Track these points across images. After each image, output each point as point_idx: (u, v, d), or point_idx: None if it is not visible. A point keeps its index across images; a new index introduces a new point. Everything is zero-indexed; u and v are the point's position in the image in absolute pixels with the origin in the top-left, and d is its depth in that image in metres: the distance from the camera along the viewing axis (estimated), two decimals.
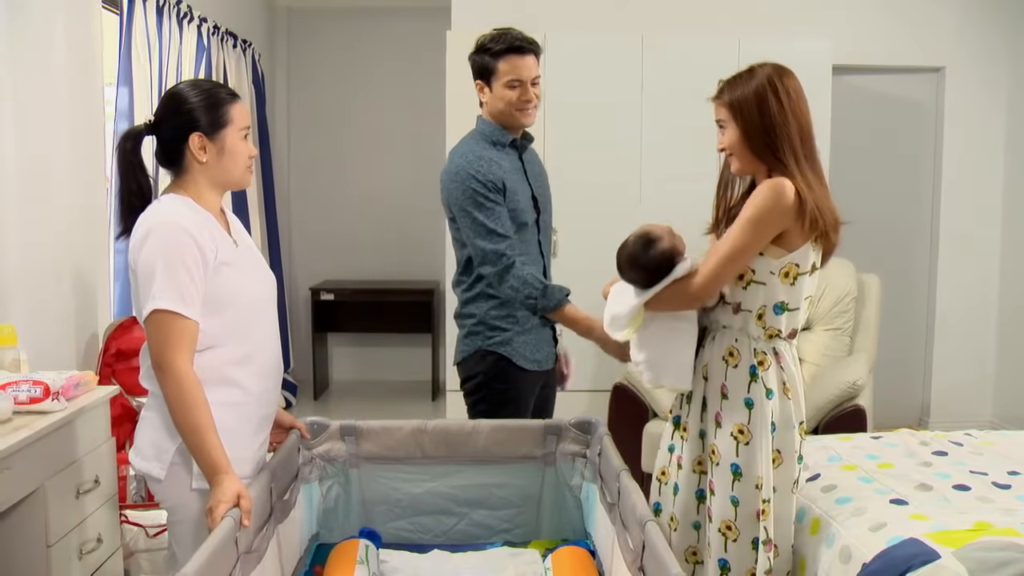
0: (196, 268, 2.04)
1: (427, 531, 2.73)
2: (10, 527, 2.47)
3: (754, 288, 2.26)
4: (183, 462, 2.10)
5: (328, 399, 6.58)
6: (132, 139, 2.15)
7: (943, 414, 5.58)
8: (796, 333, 2.35)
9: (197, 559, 1.73)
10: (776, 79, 2.27)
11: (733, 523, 2.29)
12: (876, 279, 4.58)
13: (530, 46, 2.80)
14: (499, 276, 2.69)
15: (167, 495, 2.15)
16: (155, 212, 2.08)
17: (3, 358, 2.78)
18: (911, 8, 5.42)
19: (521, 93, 2.78)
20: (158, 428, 2.12)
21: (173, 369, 1.99)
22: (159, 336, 2.01)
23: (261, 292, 2.25)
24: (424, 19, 6.42)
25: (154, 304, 1.99)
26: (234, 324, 2.13)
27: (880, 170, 5.63)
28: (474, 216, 2.71)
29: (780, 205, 2.18)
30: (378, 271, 6.89)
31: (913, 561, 2.14)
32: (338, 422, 2.71)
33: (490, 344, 2.80)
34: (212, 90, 2.16)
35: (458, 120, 4.77)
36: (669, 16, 5.31)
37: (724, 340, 2.33)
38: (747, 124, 2.26)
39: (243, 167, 2.20)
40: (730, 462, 2.28)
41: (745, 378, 2.29)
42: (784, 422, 2.30)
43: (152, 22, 4.17)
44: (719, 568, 2.34)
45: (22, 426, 2.44)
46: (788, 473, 2.33)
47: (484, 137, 2.85)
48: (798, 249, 2.23)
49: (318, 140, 6.90)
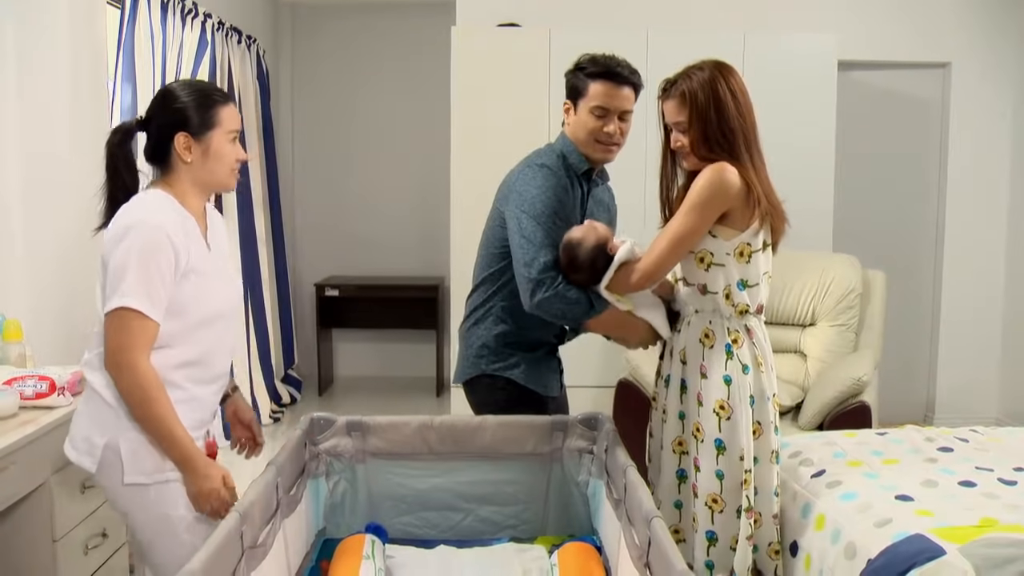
0: (168, 271, 2.04)
1: (433, 527, 2.73)
2: (16, 522, 2.48)
3: (715, 270, 2.43)
4: (113, 457, 2.08)
5: (333, 394, 6.59)
6: (122, 134, 2.14)
7: (948, 410, 5.59)
8: (763, 308, 2.50)
9: (202, 554, 1.73)
10: (725, 78, 2.40)
11: (719, 496, 2.45)
12: (882, 275, 4.58)
13: (629, 77, 2.58)
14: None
15: (105, 490, 2.15)
16: (137, 208, 2.07)
17: (9, 353, 2.79)
18: (917, 3, 5.42)
19: (605, 124, 2.57)
20: (90, 422, 2.11)
21: (133, 367, 2.00)
22: (121, 333, 2.00)
23: (223, 302, 2.23)
24: (429, 14, 6.43)
25: (122, 301, 1.98)
26: (187, 329, 2.11)
27: (885, 166, 5.63)
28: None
29: (722, 187, 2.34)
30: (383, 267, 6.90)
31: (918, 557, 2.14)
32: (344, 418, 2.70)
33: (494, 369, 2.71)
34: (203, 91, 2.16)
35: (463, 115, 4.79)
36: (674, 12, 5.32)
37: (699, 323, 2.49)
38: (706, 124, 2.38)
39: (228, 170, 2.19)
40: (714, 438, 2.44)
41: (722, 356, 2.44)
42: (760, 394, 2.45)
43: (156, 18, 4.18)
44: (706, 540, 2.48)
45: (28, 421, 2.45)
46: (767, 444, 2.48)
47: (562, 158, 2.65)
48: (748, 229, 2.39)
49: (322, 136, 6.90)
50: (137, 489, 2.08)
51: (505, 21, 5.13)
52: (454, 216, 4.76)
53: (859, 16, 5.37)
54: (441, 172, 5.33)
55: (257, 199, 5.72)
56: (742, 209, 2.37)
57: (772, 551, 2.57)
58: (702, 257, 2.43)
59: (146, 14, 4.05)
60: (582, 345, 2.92)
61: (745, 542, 2.44)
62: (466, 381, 2.78)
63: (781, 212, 2.46)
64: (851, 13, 5.37)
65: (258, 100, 5.84)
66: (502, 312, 2.69)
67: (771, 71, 4.80)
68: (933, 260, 5.68)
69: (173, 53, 4.42)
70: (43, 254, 3.27)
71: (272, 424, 5.73)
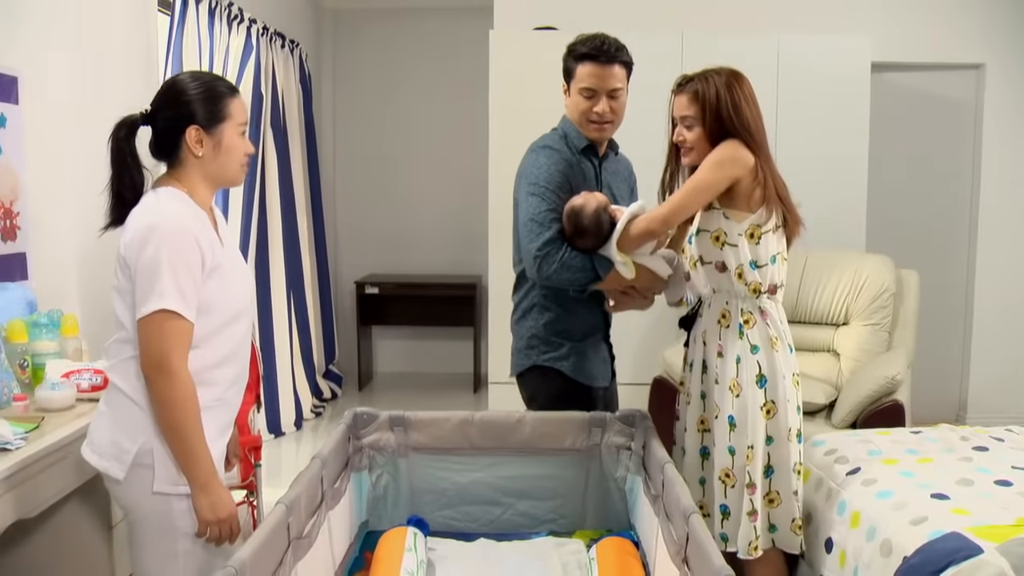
0: (197, 271, 1.98)
1: (474, 520, 2.77)
2: (75, 509, 2.56)
3: (729, 249, 2.55)
4: (145, 464, 2.00)
5: (372, 390, 6.67)
6: (126, 128, 2.05)
7: (980, 410, 5.55)
8: (776, 289, 2.60)
9: (251, 545, 1.78)
10: (739, 83, 2.54)
11: (731, 471, 2.57)
12: (915, 275, 4.57)
13: (615, 55, 2.60)
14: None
15: (126, 496, 2.05)
16: (155, 209, 2.00)
17: (67, 347, 2.87)
18: (951, 4, 5.38)
19: (593, 104, 2.62)
20: (119, 427, 2.03)
21: (173, 370, 1.94)
22: (160, 336, 1.93)
23: (244, 299, 2.19)
24: (467, 18, 6.49)
25: (160, 303, 1.92)
26: (215, 329, 2.05)
27: (919, 167, 5.60)
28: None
29: (737, 153, 2.48)
30: (422, 265, 6.99)
31: (955, 555, 2.14)
32: (387, 413, 2.75)
33: (545, 360, 2.74)
34: (212, 83, 2.08)
35: (502, 117, 4.83)
36: (709, 15, 5.33)
37: (717, 304, 2.62)
38: (716, 123, 2.51)
39: (238, 164, 2.12)
40: (727, 415, 2.57)
41: (735, 336, 2.58)
42: (772, 374, 2.55)
43: (204, 24, 4.26)
44: (720, 513, 2.59)
45: (84, 413, 2.53)
46: (783, 422, 2.56)
47: (564, 137, 2.71)
48: (757, 211, 2.51)
49: (363, 137, 7.00)
50: (162, 499, 2.01)
51: (542, 25, 5.17)
52: (492, 215, 4.82)
53: (893, 18, 5.35)
54: (479, 172, 5.39)
55: (299, 200, 5.80)
56: (751, 186, 2.50)
57: (796, 527, 2.61)
58: (717, 236, 2.56)
59: (194, 20, 4.15)
60: (618, 343, 2.96)
61: (746, 517, 2.54)
62: (519, 374, 2.81)
63: (795, 213, 2.57)
64: (885, 15, 5.34)
65: (301, 103, 5.92)
66: (544, 300, 2.73)
67: (805, 73, 4.80)
68: (966, 260, 5.64)
69: (220, 58, 4.51)
70: (94, 252, 3.36)
71: (313, 418, 5.83)
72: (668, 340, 4.61)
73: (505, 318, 2.91)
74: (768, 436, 2.55)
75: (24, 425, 2.32)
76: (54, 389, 2.56)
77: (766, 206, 2.52)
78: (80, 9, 3.27)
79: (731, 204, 2.54)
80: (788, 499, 2.58)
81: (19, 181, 2.93)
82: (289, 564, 2.01)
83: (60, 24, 3.16)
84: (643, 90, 4.77)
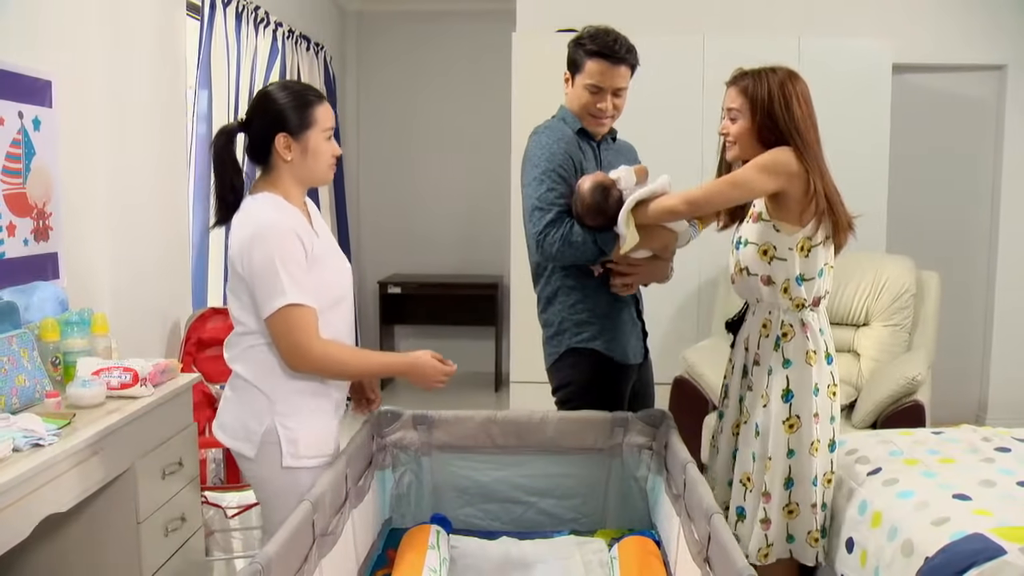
0: (303, 264, 2.16)
1: (496, 518, 2.79)
2: (104, 505, 2.58)
3: (777, 263, 2.53)
4: (272, 442, 2.22)
5: (395, 388, 6.70)
6: (225, 136, 2.23)
7: (1001, 411, 5.52)
8: (820, 300, 2.59)
9: (276, 541, 1.82)
10: (794, 83, 2.51)
11: (751, 475, 2.61)
12: (936, 276, 4.56)
13: (625, 57, 2.66)
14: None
15: (257, 472, 2.27)
16: (257, 213, 2.18)
17: (96, 346, 2.91)
18: (972, 5, 5.35)
19: (598, 100, 2.68)
20: (245, 410, 2.24)
21: (312, 353, 2.15)
22: (288, 328, 2.13)
23: (342, 282, 2.34)
24: (490, 21, 6.51)
25: (286, 299, 2.11)
26: (321, 315, 2.20)
27: (940, 168, 5.58)
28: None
29: (785, 159, 2.44)
30: (444, 265, 7.03)
31: (978, 556, 2.14)
32: (411, 411, 2.78)
33: (577, 342, 2.74)
34: (300, 92, 2.24)
35: (523, 120, 4.83)
36: (730, 17, 5.32)
37: (761, 313, 2.63)
38: (763, 118, 2.49)
39: (326, 166, 2.28)
40: (755, 421, 2.60)
41: (771, 347, 2.59)
42: (802, 388, 2.54)
43: (231, 27, 4.31)
44: (736, 515, 2.62)
45: (114, 410, 2.56)
46: (806, 436, 2.55)
47: (561, 121, 2.78)
48: (808, 225, 2.49)
49: (386, 139, 7.04)
50: (290, 472, 2.23)
51: (564, 27, 5.18)
52: (514, 216, 4.84)
53: (914, 19, 5.32)
54: (501, 174, 5.41)
55: (324, 200, 5.84)
56: (803, 200, 2.47)
57: (812, 539, 2.61)
58: (765, 250, 2.54)
59: (222, 24, 4.19)
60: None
61: (759, 524, 2.57)
62: (553, 363, 2.81)
63: (843, 220, 2.52)
64: (906, 16, 5.32)
65: None
66: (566, 282, 2.74)
67: (826, 74, 4.76)
68: (987, 261, 5.62)
69: (247, 60, 4.55)
70: (125, 252, 3.42)
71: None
72: (689, 340, 4.62)
73: (527, 319, 2.91)
74: (790, 449, 2.56)
75: (56, 421, 2.36)
76: (85, 386, 2.60)
77: (816, 219, 2.49)
78: (112, 14, 3.33)
79: (782, 217, 2.51)
80: (807, 511, 2.58)
81: (52, 183, 2.99)
82: (314, 560, 2.03)
83: (92, 29, 3.21)
84: (666, 92, 4.82)
